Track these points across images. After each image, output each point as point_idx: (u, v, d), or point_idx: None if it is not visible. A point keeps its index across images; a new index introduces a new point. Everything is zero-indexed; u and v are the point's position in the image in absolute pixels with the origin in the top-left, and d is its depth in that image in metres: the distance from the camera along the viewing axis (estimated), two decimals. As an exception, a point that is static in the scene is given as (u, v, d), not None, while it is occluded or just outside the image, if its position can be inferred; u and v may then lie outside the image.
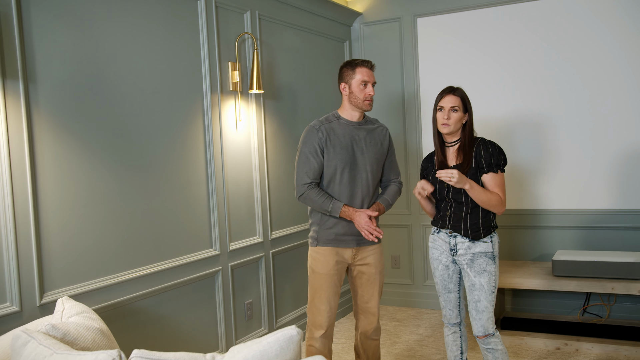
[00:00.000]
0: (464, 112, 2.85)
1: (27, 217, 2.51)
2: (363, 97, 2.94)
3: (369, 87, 2.95)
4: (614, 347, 3.75)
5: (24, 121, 2.49)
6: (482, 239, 2.83)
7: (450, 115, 2.82)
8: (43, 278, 2.58)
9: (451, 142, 2.91)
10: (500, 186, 2.84)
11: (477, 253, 2.83)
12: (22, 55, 2.49)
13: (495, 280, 2.85)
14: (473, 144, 2.88)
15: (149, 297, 3.10)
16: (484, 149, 2.85)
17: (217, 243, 3.56)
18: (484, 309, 2.82)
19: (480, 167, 2.84)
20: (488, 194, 2.79)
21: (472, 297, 2.84)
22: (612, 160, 4.23)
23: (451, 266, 2.92)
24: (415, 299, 4.97)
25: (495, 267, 2.85)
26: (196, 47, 3.45)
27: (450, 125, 2.83)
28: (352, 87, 2.95)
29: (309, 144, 2.94)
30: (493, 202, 2.80)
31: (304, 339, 3.72)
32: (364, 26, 5.05)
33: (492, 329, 2.85)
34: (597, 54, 4.22)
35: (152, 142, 3.15)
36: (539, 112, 4.42)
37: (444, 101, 2.86)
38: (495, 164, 2.84)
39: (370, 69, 2.98)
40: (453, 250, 2.88)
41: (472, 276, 2.83)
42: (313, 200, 2.92)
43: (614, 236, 4.24)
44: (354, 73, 2.95)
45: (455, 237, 2.87)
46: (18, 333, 1.81)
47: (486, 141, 2.89)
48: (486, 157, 2.84)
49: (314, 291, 2.98)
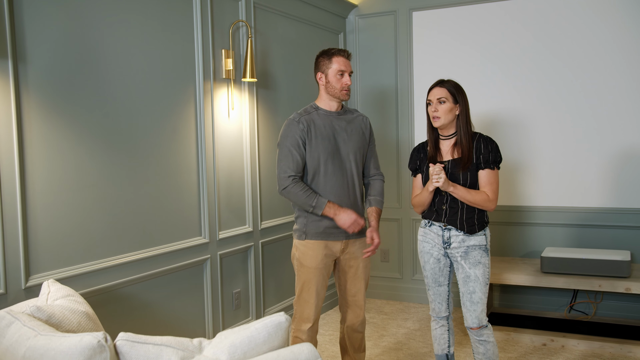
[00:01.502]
0: (453, 103, 2.82)
1: (14, 199, 2.47)
2: (340, 87, 2.91)
3: (346, 77, 2.92)
4: (599, 344, 3.77)
5: (12, 101, 2.45)
6: (477, 232, 2.84)
7: (437, 107, 2.81)
8: (29, 261, 2.55)
9: (446, 135, 2.90)
10: (493, 183, 2.83)
11: (471, 246, 2.83)
12: (12, 34, 2.45)
13: (489, 273, 2.86)
14: (472, 138, 2.86)
15: (136, 283, 3.08)
16: (484, 144, 2.84)
17: (207, 231, 3.53)
18: (478, 301, 2.83)
19: (478, 162, 2.83)
20: (473, 193, 2.79)
21: (467, 288, 2.84)
22: (603, 158, 4.25)
23: (442, 259, 2.92)
24: (404, 293, 4.98)
25: (488, 260, 2.86)
26: (190, 33, 3.42)
27: (440, 118, 2.81)
28: (328, 76, 2.92)
29: (290, 137, 2.89)
30: (478, 201, 2.80)
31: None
32: (359, 18, 5.02)
33: (485, 321, 2.86)
34: (590, 52, 4.23)
35: (143, 127, 3.12)
36: (531, 108, 4.43)
37: (431, 94, 2.85)
38: (493, 160, 2.83)
39: (347, 58, 2.95)
40: (446, 244, 2.88)
41: (467, 268, 2.83)
42: (297, 195, 2.86)
43: (603, 234, 4.26)
44: (331, 62, 2.92)
45: (450, 231, 2.86)
46: (2, 314, 1.79)
47: (485, 137, 2.88)
48: (485, 153, 2.83)
49: (302, 284, 2.96)
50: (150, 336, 1.73)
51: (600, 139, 4.24)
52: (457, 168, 2.83)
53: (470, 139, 2.85)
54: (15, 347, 1.68)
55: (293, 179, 2.87)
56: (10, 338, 1.71)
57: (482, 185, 2.83)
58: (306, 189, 2.86)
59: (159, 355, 1.66)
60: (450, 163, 2.85)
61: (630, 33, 4.11)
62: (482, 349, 2.88)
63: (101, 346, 1.59)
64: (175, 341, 1.73)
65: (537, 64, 4.39)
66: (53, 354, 1.61)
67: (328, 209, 2.85)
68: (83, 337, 1.61)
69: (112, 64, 2.92)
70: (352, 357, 3.17)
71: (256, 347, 1.76)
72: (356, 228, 2.87)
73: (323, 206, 2.84)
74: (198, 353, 1.73)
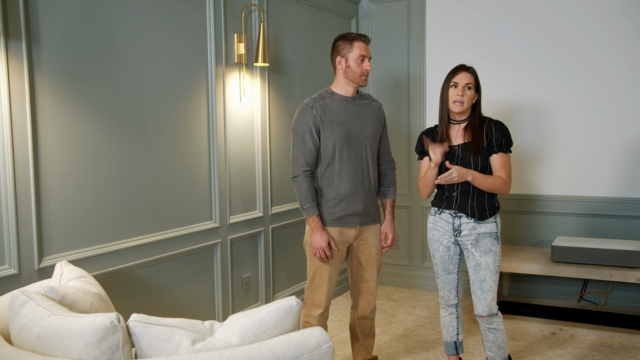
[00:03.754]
0: (476, 90, 2.82)
1: (28, 180, 2.49)
2: (360, 72, 2.90)
3: (366, 62, 2.90)
4: (609, 334, 3.76)
5: (26, 83, 2.46)
6: (488, 219, 2.82)
7: (464, 92, 2.78)
8: (42, 242, 2.57)
9: (459, 120, 2.88)
10: (507, 167, 2.82)
11: (482, 233, 2.82)
12: (25, 15, 2.45)
13: (500, 261, 2.85)
14: (482, 123, 2.85)
15: (147, 266, 3.10)
16: (495, 128, 2.83)
17: (217, 216, 3.54)
18: (489, 289, 2.82)
19: (490, 146, 2.81)
20: (491, 179, 2.78)
21: (478, 276, 2.83)
22: (616, 148, 4.20)
23: (452, 247, 2.91)
24: (413, 280, 4.98)
25: (499, 248, 2.85)
26: (202, 17, 3.40)
27: (464, 103, 2.79)
28: (349, 61, 2.89)
29: (303, 123, 2.88)
30: (497, 185, 2.79)
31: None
32: (372, 4, 4.98)
33: (495, 309, 2.85)
34: (606, 40, 4.17)
35: (155, 111, 3.12)
36: (544, 97, 4.38)
37: (458, 77, 2.80)
38: (505, 144, 2.83)
39: (367, 44, 2.93)
40: (456, 231, 2.87)
41: (478, 256, 2.82)
42: (300, 188, 2.88)
43: (615, 224, 4.23)
44: (352, 47, 2.89)
45: (460, 218, 2.85)
46: (16, 294, 1.80)
47: (495, 121, 2.87)
48: (497, 136, 2.81)
49: (314, 270, 2.96)
50: (162, 318, 1.74)
51: (613, 129, 4.20)
52: (467, 152, 2.81)
53: (481, 124, 2.84)
54: (30, 326, 1.69)
55: (305, 172, 2.88)
56: (25, 317, 1.72)
57: (496, 169, 2.82)
58: (311, 188, 2.89)
59: (171, 337, 1.67)
60: (461, 147, 2.83)
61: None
62: (492, 336, 2.87)
63: (114, 327, 1.61)
64: (187, 323, 1.74)
65: (554, 51, 4.33)
66: (67, 334, 1.62)
67: (312, 220, 2.87)
68: (96, 317, 1.62)
69: (125, 47, 2.92)
70: (362, 343, 3.18)
71: (267, 330, 1.76)
72: (321, 255, 2.87)
73: (311, 215, 2.87)
74: (209, 335, 1.74)
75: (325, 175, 2.92)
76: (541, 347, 3.70)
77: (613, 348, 3.66)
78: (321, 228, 2.87)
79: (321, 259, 2.88)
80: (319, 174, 2.93)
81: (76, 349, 1.60)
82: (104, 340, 1.59)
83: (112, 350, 1.60)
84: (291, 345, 1.69)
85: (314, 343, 1.73)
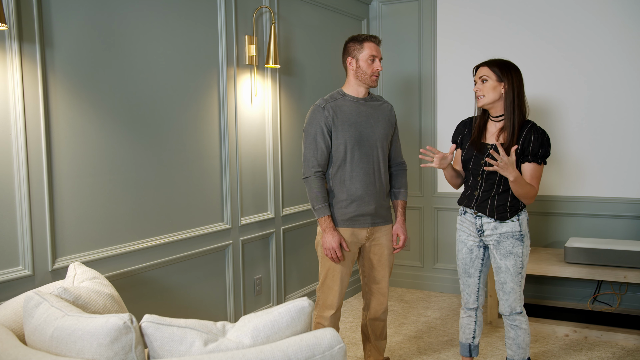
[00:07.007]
0: (497, 81, 2.71)
1: (42, 182, 2.51)
2: (370, 72, 2.90)
3: (377, 62, 2.91)
4: (623, 336, 3.72)
5: (39, 85, 2.48)
6: (509, 219, 2.76)
7: (480, 86, 2.75)
8: (55, 243, 2.59)
9: (495, 116, 2.80)
10: (538, 178, 2.71)
11: (503, 234, 2.76)
12: (39, 18, 2.47)
13: (523, 261, 2.77)
14: (522, 125, 2.74)
15: (159, 267, 3.11)
16: (535, 136, 2.71)
17: (229, 217, 3.55)
18: (510, 291, 2.79)
19: (525, 153, 2.71)
20: (527, 187, 2.66)
21: (499, 278, 2.82)
22: (630, 148, 4.16)
23: (475, 250, 2.88)
24: (425, 282, 4.96)
25: (522, 248, 2.76)
26: (213, 18, 3.42)
27: (484, 96, 2.74)
28: (359, 61, 2.90)
29: (314, 124, 2.89)
30: (530, 194, 2.68)
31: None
32: (383, 5, 4.98)
33: (519, 308, 2.82)
34: (622, 38, 4.13)
35: (167, 113, 3.13)
36: (556, 96, 4.35)
37: (477, 74, 2.80)
38: (542, 155, 2.71)
39: (377, 44, 2.93)
40: (480, 231, 2.83)
41: (498, 259, 2.79)
42: (312, 189, 2.89)
43: (629, 225, 4.19)
44: (362, 48, 2.89)
45: (481, 218, 2.82)
46: (30, 294, 1.81)
47: (538, 128, 2.74)
48: (535, 145, 2.70)
49: (326, 271, 2.96)
50: (174, 319, 1.74)
51: (627, 129, 4.16)
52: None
53: (519, 126, 2.73)
54: (44, 326, 1.71)
55: (316, 173, 2.89)
56: (39, 318, 1.74)
57: (526, 178, 2.71)
58: (322, 189, 2.89)
59: (183, 338, 1.68)
60: (494, 148, 2.76)
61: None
62: (513, 333, 2.85)
63: (127, 327, 1.61)
64: (199, 324, 1.74)
65: (568, 51, 4.30)
66: (80, 334, 1.63)
67: (323, 221, 2.88)
68: (109, 318, 1.63)
69: (137, 49, 2.94)
70: (374, 345, 3.18)
71: (279, 331, 1.76)
72: (332, 255, 2.87)
73: (322, 216, 2.88)
74: (221, 336, 1.75)
75: (336, 176, 2.92)
76: (554, 348, 3.67)
77: (628, 350, 3.62)
78: (333, 229, 2.87)
79: (332, 259, 2.88)
80: (330, 175, 2.93)
81: (89, 350, 1.61)
82: (117, 341, 1.60)
83: (125, 351, 1.61)
84: (303, 346, 1.69)
85: (326, 344, 1.73)
